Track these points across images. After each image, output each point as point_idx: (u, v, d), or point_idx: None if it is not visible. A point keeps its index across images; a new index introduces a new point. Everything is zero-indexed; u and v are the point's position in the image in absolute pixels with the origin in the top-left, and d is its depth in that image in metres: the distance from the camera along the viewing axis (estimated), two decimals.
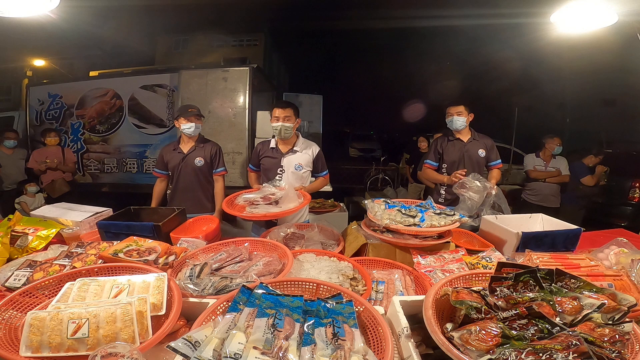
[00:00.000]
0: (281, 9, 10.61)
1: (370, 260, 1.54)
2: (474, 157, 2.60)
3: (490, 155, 2.64)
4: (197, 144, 2.56)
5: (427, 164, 2.75)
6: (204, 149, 2.56)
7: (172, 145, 2.61)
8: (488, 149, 2.63)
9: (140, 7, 8.15)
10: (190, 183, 2.53)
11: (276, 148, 2.36)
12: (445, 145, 2.68)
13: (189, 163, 2.52)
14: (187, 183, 2.53)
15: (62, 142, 4.98)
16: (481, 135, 2.68)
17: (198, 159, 2.52)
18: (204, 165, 2.53)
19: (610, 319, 0.81)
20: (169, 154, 2.57)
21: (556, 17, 2.46)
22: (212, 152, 2.58)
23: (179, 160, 2.52)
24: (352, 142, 15.13)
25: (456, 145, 2.65)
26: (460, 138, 2.65)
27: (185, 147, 2.55)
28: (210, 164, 2.58)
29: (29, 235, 1.74)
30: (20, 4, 2.13)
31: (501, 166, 2.70)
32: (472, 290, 0.92)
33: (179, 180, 2.54)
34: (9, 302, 0.99)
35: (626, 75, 7.44)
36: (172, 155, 2.56)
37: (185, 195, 2.53)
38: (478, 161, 2.60)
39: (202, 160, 2.53)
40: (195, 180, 2.53)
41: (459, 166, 2.60)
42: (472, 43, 10.91)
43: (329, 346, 0.76)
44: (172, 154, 2.56)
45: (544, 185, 3.98)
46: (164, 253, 1.34)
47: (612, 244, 1.52)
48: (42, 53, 9.49)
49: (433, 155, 2.72)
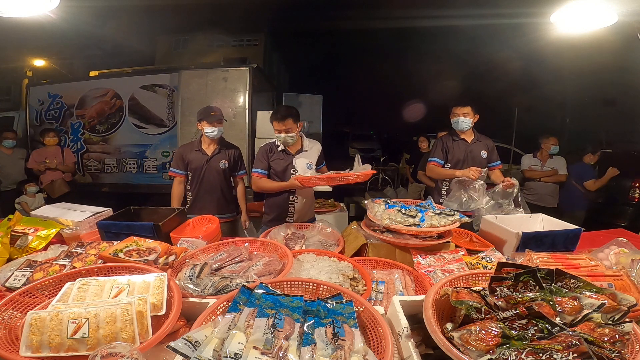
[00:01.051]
0: (281, 9, 10.60)
1: (370, 260, 1.54)
2: (477, 157, 2.63)
3: (492, 156, 2.68)
4: (221, 146, 2.58)
5: (434, 161, 2.72)
6: (227, 152, 2.59)
7: (193, 146, 2.58)
8: (489, 150, 2.67)
9: (140, 7, 8.14)
10: (214, 185, 2.54)
11: (285, 150, 2.35)
12: (450, 145, 2.69)
13: (213, 165, 2.52)
14: (211, 185, 2.54)
15: (62, 142, 4.98)
16: (482, 136, 2.71)
17: (222, 162, 2.54)
18: (226, 167, 2.56)
19: (610, 319, 0.81)
20: (191, 154, 2.53)
21: (556, 17, 2.46)
22: (235, 155, 2.63)
23: (203, 161, 2.51)
24: (352, 142, 15.12)
25: (461, 145, 2.66)
26: (464, 138, 2.66)
27: (209, 149, 2.54)
28: (234, 166, 2.62)
29: (29, 235, 1.74)
30: (20, 4, 2.13)
31: (501, 167, 2.72)
32: (472, 290, 0.92)
33: (202, 181, 2.53)
34: (9, 302, 0.99)
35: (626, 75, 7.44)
36: (194, 156, 2.52)
37: (209, 197, 2.53)
38: (480, 162, 2.63)
39: (226, 162, 2.56)
40: (218, 182, 2.55)
41: (463, 166, 2.61)
42: (472, 43, 10.92)
43: (329, 346, 0.76)
44: (194, 154, 2.53)
45: (539, 184, 3.99)
46: (164, 253, 1.34)
47: (612, 244, 1.52)
48: (42, 53, 9.49)
49: (440, 152, 2.71)
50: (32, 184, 4.10)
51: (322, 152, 2.49)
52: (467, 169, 2.39)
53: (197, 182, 2.54)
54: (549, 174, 3.93)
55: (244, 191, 2.69)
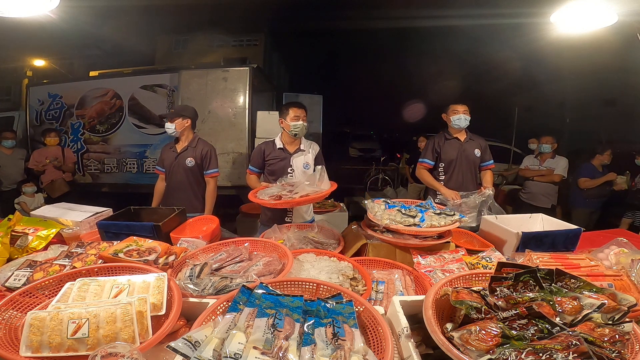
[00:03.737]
0: (281, 9, 10.61)
1: (370, 260, 1.54)
2: (470, 156, 2.63)
3: (484, 155, 2.69)
4: (190, 144, 2.59)
5: (424, 162, 2.72)
6: (196, 150, 2.57)
7: (170, 144, 2.66)
8: (482, 150, 2.67)
9: (140, 7, 8.15)
10: (180, 182, 2.56)
11: (284, 148, 2.36)
12: (443, 144, 2.69)
13: (181, 162, 2.55)
14: (178, 182, 2.57)
15: (62, 142, 4.97)
16: (475, 136, 2.72)
17: (189, 159, 2.55)
18: (194, 165, 2.55)
19: (610, 319, 0.81)
20: (166, 152, 2.64)
21: (556, 17, 2.46)
22: (203, 153, 2.58)
23: (172, 159, 2.57)
24: (352, 142, 15.11)
25: (454, 144, 2.66)
26: (457, 137, 2.66)
27: (179, 147, 2.59)
28: (201, 164, 2.58)
29: (29, 235, 1.74)
30: (20, 4, 2.13)
31: (493, 167, 2.74)
32: (472, 290, 0.92)
33: (171, 178, 2.59)
34: (9, 302, 0.99)
35: (626, 75, 7.44)
36: (168, 154, 2.62)
37: (176, 194, 2.56)
38: (474, 161, 2.64)
39: (193, 160, 2.55)
40: (185, 180, 2.56)
41: (456, 165, 2.63)
42: (472, 43, 10.92)
43: (329, 346, 0.76)
44: (168, 152, 2.62)
45: (532, 184, 4.00)
46: (164, 253, 1.34)
47: (612, 244, 1.52)
48: (42, 53, 9.49)
49: (430, 154, 2.71)
50: (29, 184, 4.09)
51: (321, 154, 2.49)
52: (451, 191, 2.43)
53: (169, 180, 2.61)
54: (542, 174, 3.93)
55: (212, 190, 2.63)
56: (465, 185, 2.62)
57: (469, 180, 2.64)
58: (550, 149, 3.92)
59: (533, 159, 4.07)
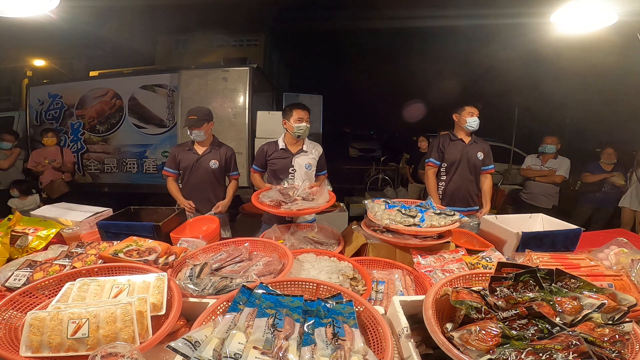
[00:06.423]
0: (281, 9, 10.62)
1: (370, 260, 1.54)
2: (473, 159, 2.64)
3: (486, 159, 2.69)
4: (212, 146, 2.60)
5: (431, 162, 2.73)
6: (219, 152, 2.60)
7: (185, 145, 2.63)
8: (485, 153, 2.68)
9: (140, 7, 8.15)
10: (201, 183, 2.57)
11: (286, 149, 2.38)
12: (447, 145, 2.69)
13: (203, 164, 2.56)
14: (199, 183, 2.57)
15: (62, 142, 4.96)
16: (479, 139, 2.72)
17: (213, 161, 2.56)
18: (217, 167, 2.58)
19: (610, 319, 0.81)
20: (182, 154, 2.58)
21: (556, 17, 2.45)
22: (227, 156, 2.64)
23: (193, 160, 2.55)
24: (352, 142, 15.13)
25: (458, 146, 2.66)
26: (462, 139, 2.66)
27: (200, 149, 2.58)
28: (225, 167, 2.63)
29: (29, 235, 1.74)
30: (20, 4, 2.13)
31: (493, 171, 2.76)
32: (472, 290, 0.92)
33: (190, 179, 2.58)
34: (9, 302, 0.99)
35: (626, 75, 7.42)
36: (185, 156, 2.57)
37: (197, 196, 2.55)
38: (475, 164, 2.64)
39: (217, 162, 2.57)
40: (207, 181, 2.58)
41: (458, 167, 2.63)
42: (472, 43, 10.91)
43: (329, 346, 0.76)
44: (186, 154, 2.58)
45: (533, 184, 3.99)
46: (164, 253, 1.34)
47: (612, 244, 1.52)
48: (42, 53, 9.48)
49: (436, 153, 2.72)
50: (14, 189, 3.91)
51: (324, 156, 2.50)
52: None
53: (186, 180, 2.59)
54: (544, 174, 3.92)
55: (233, 187, 2.70)
56: (465, 187, 2.64)
57: (469, 183, 2.65)
58: (555, 149, 3.92)
59: (535, 159, 4.06)
